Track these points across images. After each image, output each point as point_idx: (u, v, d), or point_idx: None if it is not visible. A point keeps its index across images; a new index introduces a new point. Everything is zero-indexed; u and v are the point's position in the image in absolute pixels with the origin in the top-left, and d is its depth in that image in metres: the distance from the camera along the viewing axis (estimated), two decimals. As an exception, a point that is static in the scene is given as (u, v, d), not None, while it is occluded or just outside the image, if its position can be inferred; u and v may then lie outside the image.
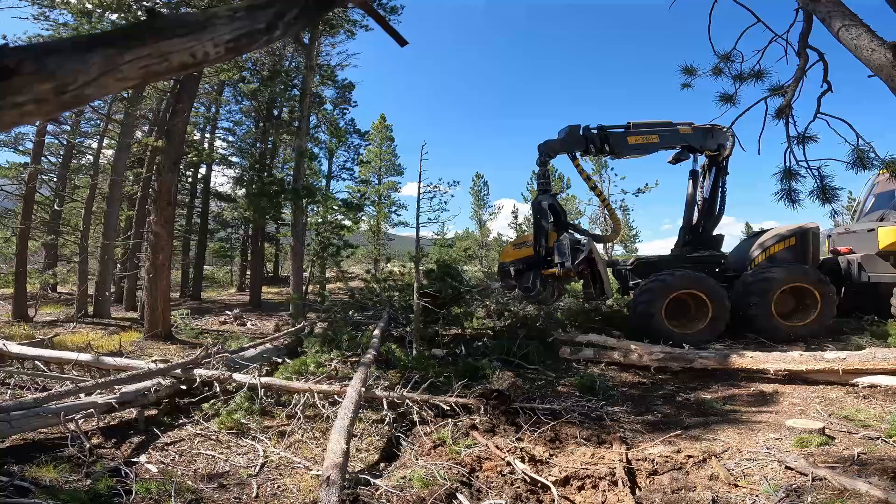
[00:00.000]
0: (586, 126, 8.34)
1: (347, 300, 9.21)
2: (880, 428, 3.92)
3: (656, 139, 8.44)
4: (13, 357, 5.90)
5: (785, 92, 4.00)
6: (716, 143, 8.63)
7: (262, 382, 4.79)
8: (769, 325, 7.66)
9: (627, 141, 8.30)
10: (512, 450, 3.62)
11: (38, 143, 13.21)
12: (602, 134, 8.23)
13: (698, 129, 8.61)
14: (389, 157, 30.24)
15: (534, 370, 6.46)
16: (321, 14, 1.71)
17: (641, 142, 8.37)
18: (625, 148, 8.33)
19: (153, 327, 8.78)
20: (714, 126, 8.62)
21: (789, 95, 3.93)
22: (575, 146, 8.28)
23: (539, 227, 7.96)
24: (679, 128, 8.55)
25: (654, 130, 8.47)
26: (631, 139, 8.32)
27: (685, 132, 8.54)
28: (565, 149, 8.22)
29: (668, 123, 8.60)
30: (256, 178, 15.86)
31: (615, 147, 8.28)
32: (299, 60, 16.43)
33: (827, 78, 3.77)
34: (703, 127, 8.61)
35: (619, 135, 8.31)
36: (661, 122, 8.61)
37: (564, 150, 8.23)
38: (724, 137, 8.69)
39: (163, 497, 3.00)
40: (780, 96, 4.12)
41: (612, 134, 8.28)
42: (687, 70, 4.94)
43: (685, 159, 8.89)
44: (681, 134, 8.53)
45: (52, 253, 16.35)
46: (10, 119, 1.05)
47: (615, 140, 8.25)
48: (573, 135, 8.25)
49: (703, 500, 2.98)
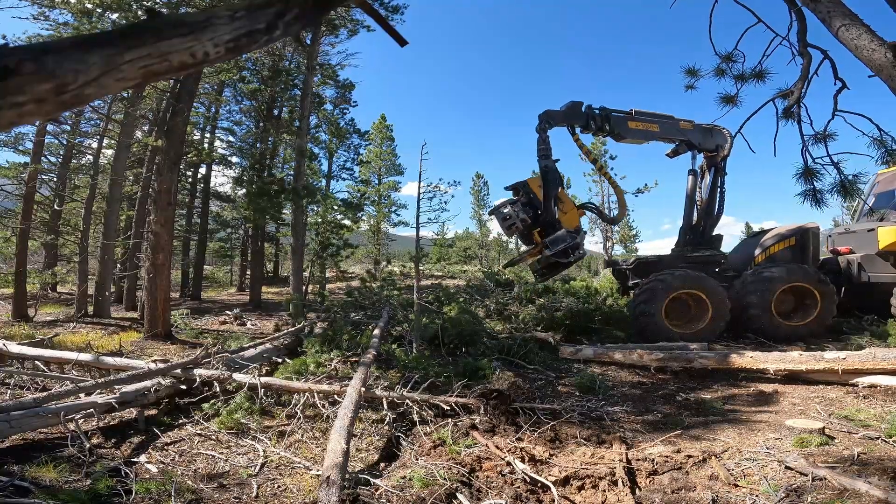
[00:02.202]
0: (589, 105, 8.36)
1: (347, 300, 9.21)
2: (880, 428, 3.92)
3: (656, 128, 8.48)
4: (13, 357, 5.90)
5: (791, 92, 3.98)
6: (714, 144, 8.67)
7: (262, 382, 4.79)
8: (769, 325, 7.66)
9: (628, 125, 8.32)
10: (512, 450, 3.62)
11: (38, 143, 13.22)
12: (604, 113, 8.23)
13: (698, 126, 8.64)
14: (389, 157, 30.24)
15: (534, 370, 6.46)
16: (321, 14, 1.70)
17: (641, 128, 8.40)
18: (625, 131, 8.34)
19: (153, 327, 8.78)
20: (714, 126, 8.65)
21: (795, 95, 3.91)
22: (575, 119, 8.26)
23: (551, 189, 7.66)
24: (680, 122, 8.58)
25: (655, 120, 8.51)
26: (632, 124, 8.35)
27: (685, 127, 8.58)
28: (566, 120, 8.19)
29: (671, 117, 8.64)
30: (256, 178, 15.85)
31: (616, 128, 8.27)
32: (299, 60, 16.44)
33: (838, 75, 3.74)
34: (704, 126, 8.66)
35: (620, 117, 8.32)
36: (664, 114, 8.66)
37: (565, 122, 8.20)
38: (723, 138, 8.72)
39: (163, 497, 3.00)
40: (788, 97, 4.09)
41: (614, 116, 8.27)
42: (690, 72, 4.94)
43: (682, 153, 8.90)
44: (681, 128, 8.56)
45: (52, 253, 16.36)
46: (9, 119, 1.05)
47: (616, 121, 8.25)
48: (575, 109, 8.22)
49: (703, 499, 2.98)
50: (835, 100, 3.80)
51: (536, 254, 7.73)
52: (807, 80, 3.86)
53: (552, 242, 7.36)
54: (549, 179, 7.67)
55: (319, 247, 16.77)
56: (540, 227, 7.62)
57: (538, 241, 7.63)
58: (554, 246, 7.31)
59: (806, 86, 3.88)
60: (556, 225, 7.53)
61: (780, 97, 4.15)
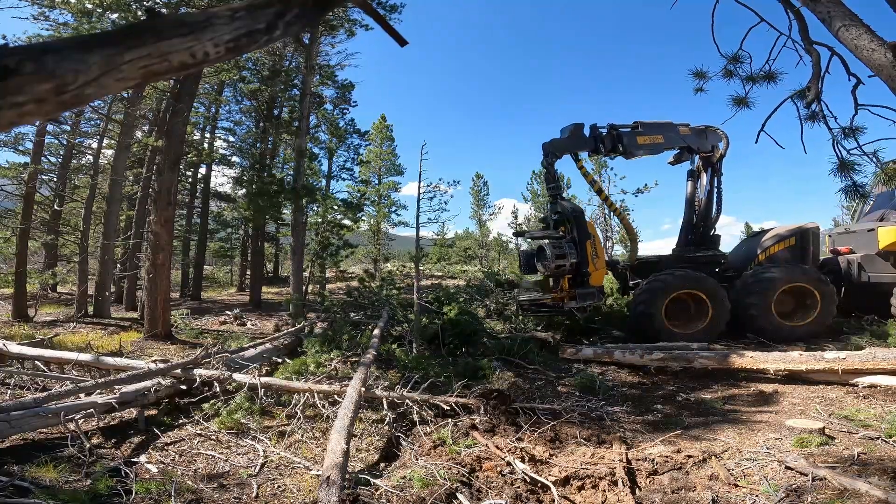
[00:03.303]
0: (593, 125, 8.24)
1: (347, 300, 9.21)
2: (880, 428, 3.92)
3: (661, 139, 8.43)
4: (13, 357, 5.90)
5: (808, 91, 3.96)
6: (710, 145, 8.67)
7: (262, 382, 4.79)
8: (769, 325, 7.65)
9: (637, 141, 8.22)
10: (512, 450, 3.62)
11: (38, 143, 13.22)
12: (614, 132, 8.11)
13: (694, 129, 8.64)
14: (389, 157, 30.24)
15: (534, 370, 6.46)
16: (322, 14, 1.70)
17: (649, 142, 8.32)
18: (635, 147, 8.24)
19: (153, 327, 8.78)
20: (708, 127, 8.66)
21: (813, 92, 3.88)
22: (583, 146, 8.15)
23: (585, 236, 7.54)
24: (679, 128, 8.56)
25: (659, 131, 8.45)
26: (640, 139, 8.24)
27: (685, 133, 8.57)
28: (573, 148, 8.07)
29: (670, 124, 8.59)
30: (256, 178, 15.84)
31: (628, 147, 8.15)
32: (299, 60, 16.43)
33: (850, 71, 3.72)
34: (698, 128, 8.66)
35: (630, 134, 8.20)
36: (664, 122, 8.60)
37: (571, 150, 8.08)
38: (717, 138, 8.72)
39: (163, 497, 3.00)
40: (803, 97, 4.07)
41: (625, 133, 8.15)
42: (698, 74, 4.89)
43: (686, 160, 8.93)
44: (681, 134, 8.55)
45: (52, 253, 16.34)
46: (9, 119, 1.05)
47: (628, 140, 8.13)
48: (579, 134, 8.06)
49: (703, 500, 2.98)
50: (853, 95, 3.77)
51: (559, 298, 7.58)
52: (820, 77, 3.83)
53: (582, 297, 7.29)
54: (583, 225, 7.58)
55: (319, 247, 16.77)
56: (571, 273, 7.53)
57: (564, 287, 7.50)
58: (582, 301, 7.27)
59: (821, 82, 3.86)
60: (587, 278, 7.46)
61: (796, 96, 4.12)
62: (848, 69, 3.72)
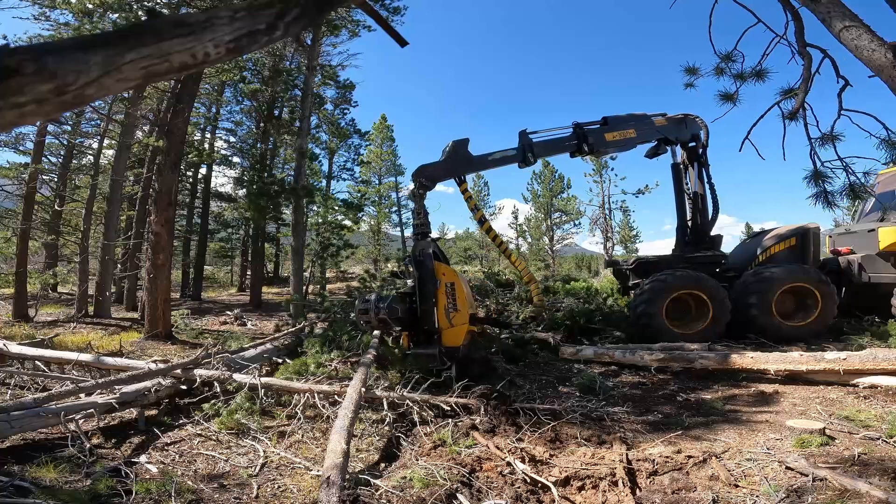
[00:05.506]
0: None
1: (347, 300, 9.21)
2: (881, 428, 3.92)
3: (633, 133, 7.96)
4: (13, 357, 5.90)
5: (797, 94, 3.97)
6: (689, 134, 8.37)
7: (263, 383, 4.79)
8: (770, 325, 7.65)
9: (606, 138, 7.76)
10: (512, 450, 3.62)
11: (39, 144, 13.24)
12: (579, 132, 7.58)
13: (671, 119, 8.30)
14: (390, 158, 30.28)
15: (534, 370, 6.46)
16: (322, 15, 1.70)
17: (619, 137, 7.85)
18: (603, 145, 7.80)
19: (153, 327, 8.79)
20: (687, 115, 8.31)
21: (800, 98, 3.90)
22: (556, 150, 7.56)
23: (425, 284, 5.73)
24: (654, 119, 8.16)
25: (630, 125, 7.97)
26: (608, 136, 7.77)
27: (660, 124, 8.18)
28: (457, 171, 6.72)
29: (643, 116, 8.15)
30: (257, 178, 15.87)
31: (595, 145, 7.64)
32: (300, 60, 16.46)
33: (840, 74, 3.73)
34: (676, 117, 8.33)
35: (597, 132, 7.72)
36: (637, 114, 8.15)
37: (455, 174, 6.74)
38: (697, 127, 8.41)
39: (163, 497, 2.99)
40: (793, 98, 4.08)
41: (590, 131, 7.65)
42: (689, 70, 4.96)
43: (663, 153, 8.51)
44: (657, 126, 8.15)
45: (52, 253, 16.38)
46: (10, 119, 1.05)
47: (594, 138, 7.62)
48: (463, 152, 6.65)
49: (704, 500, 2.98)
50: (839, 98, 3.79)
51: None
52: (809, 82, 3.85)
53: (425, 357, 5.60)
54: (427, 271, 5.73)
55: (320, 247, 16.80)
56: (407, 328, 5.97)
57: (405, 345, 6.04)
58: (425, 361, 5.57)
59: (808, 87, 3.88)
60: (436, 335, 5.69)
61: (785, 98, 4.14)
62: (838, 72, 3.74)
